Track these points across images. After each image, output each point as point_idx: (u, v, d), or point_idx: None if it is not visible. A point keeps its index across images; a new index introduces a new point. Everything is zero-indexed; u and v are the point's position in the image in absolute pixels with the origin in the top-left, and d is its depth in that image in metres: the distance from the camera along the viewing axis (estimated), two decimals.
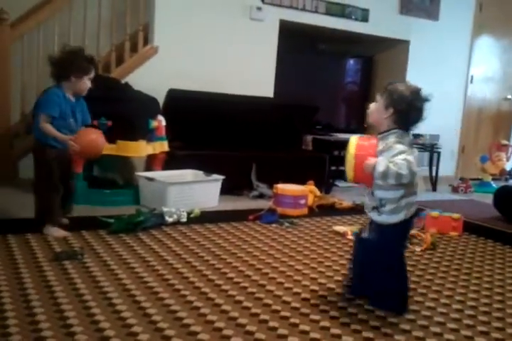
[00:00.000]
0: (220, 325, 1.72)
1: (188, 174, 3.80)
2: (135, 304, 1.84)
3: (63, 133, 2.60)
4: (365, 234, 2.00)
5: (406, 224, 1.92)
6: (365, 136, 1.97)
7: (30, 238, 2.59)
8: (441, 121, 5.90)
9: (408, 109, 1.86)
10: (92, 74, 2.65)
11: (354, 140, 1.89)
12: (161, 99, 4.05)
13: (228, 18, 4.57)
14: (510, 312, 2.00)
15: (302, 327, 1.75)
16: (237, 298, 1.96)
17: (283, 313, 1.84)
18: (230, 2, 4.55)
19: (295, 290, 2.09)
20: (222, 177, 3.68)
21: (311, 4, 4.91)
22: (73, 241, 2.58)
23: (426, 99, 1.90)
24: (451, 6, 5.74)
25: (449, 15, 5.76)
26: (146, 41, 4.30)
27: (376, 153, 1.84)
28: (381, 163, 1.77)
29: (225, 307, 1.86)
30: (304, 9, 4.89)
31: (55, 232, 2.65)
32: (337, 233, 3.08)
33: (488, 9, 6.06)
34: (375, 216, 1.92)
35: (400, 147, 1.81)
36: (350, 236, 2.98)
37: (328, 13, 5.02)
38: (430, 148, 5.30)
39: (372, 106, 1.95)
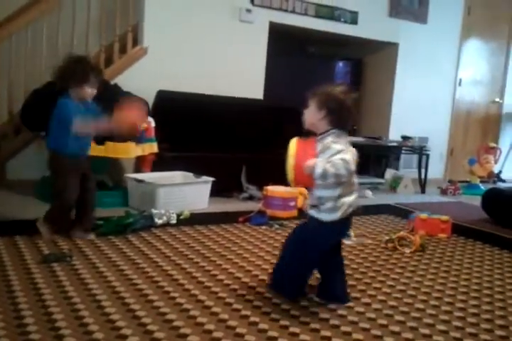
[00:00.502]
0: (210, 327, 1.71)
1: (178, 176, 3.79)
2: (124, 306, 1.83)
3: (78, 139, 2.59)
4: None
5: (341, 225, 1.94)
6: (305, 139, 1.98)
7: (19, 240, 2.57)
8: (430, 123, 5.96)
9: (340, 108, 1.91)
10: (92, 82, 2.61)
11: (294, 142, 1.92)
12: (150, 101, 4.04)
13: (218, 20, 4.58)
14: (499, 314, 2.01)
15: (292, 329, 1.74)
16: (227, 300, 1.96)
17: (273, 315, 1.84)
18: (220, 4, 4.55)
19: None
20: (212, 179, 3.67)
21: (301, 6, 4.93)
22: (62, 243, 2.57)
23: (353, 98, 1.95)
24: (440, 9, 5.79)
25: (438, 19, 5.80)
26: (136, 42, 4.29)
27: (315, 153, 1.87)
28: (319, 165, 1.80)
29: (214, 309, 1.86)
30: (293, 11, 4.90)
31: (46, 233, 2.63)
32: None
33: (477, 12, 6.11)
34: (314, 213, 1.95)
35: (337, 147, 1.85)
36: None
37: (318, 15, 5.04)
38: (419, 151, 5.32)
39: (306, 111, 1.97)
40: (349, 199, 1.90)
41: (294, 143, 1.91)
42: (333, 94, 1.92)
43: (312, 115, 1.95)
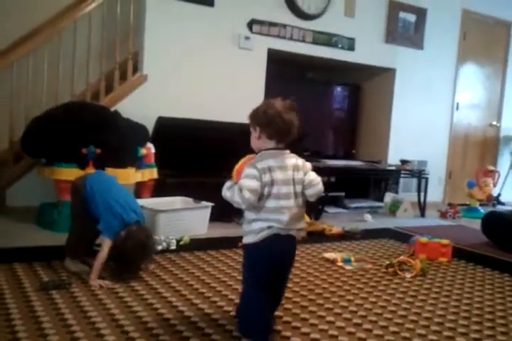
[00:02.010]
0: None
1: (178, 201, 3.79)
2: (123, 334, 1.81)
3: None
4: None
5: (259, 249, 1.82)
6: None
7: (17, 267, 2.56)
8: (428, 147, 5.99)
9: (269, 119, 1.84)
10: None
11: (244, 158, 1.94)
12: (150, 127, 4.07)
13: (217, 47, 4.64)
14: (501, 339, 1.99)
15: None
16: (227, 327, 1.94)
17: None
18: (219, 31, 4.62)
19: (285, 319, 2.07)
20: (211, 204, 3.68)
21: (299, 34, 5.00)
22: (61, 270, 2.55)
23: (284, 107, 1.87)
24: (436, 35, 5.88)
25: (434, 44, 5.89)
26: (136, 69, 4.34)
27: None
28: (224, 187, 1.84)
29: (214, 336, 1.84)
30: (291, 38, 4.97)
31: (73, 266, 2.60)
32: (327, 260, 3.07)
33: (472, 38, 6.21)
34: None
35: (246, 171, 1.81)
36: (340, 263, 2.97)
37: (315, 42, 5.11)
38: (418, 174, 5.34)
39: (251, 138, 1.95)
40: (263, 224, 1.80)
41: (242, 160, 1.92)
42: (258, 109, 1.89)
43: (252, 139, 1.92)
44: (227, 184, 1.84)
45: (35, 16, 4.26)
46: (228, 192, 1.81)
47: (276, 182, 1.80)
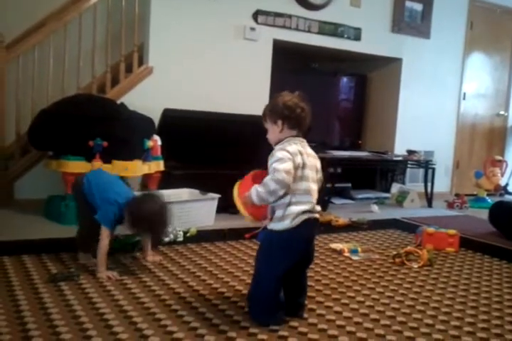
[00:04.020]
0: None
1: (184, 193, 3.79)
2: (132, 325, 1.82)
3: None
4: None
5: (292, 235, 1.86)
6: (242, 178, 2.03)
7: (26, 259, 2.58)
8: (435, 137, 5.96)
9: (291, 110, 1.91)
10: None
11: (236, 185, 1.98)
12: (156, 119, 4.07)
13: (222, 38, 4.62)
14: (509, 329, 1.99)
15: None
16: (235, 317, 1.95)
17: (281, 333, 1.83)
18: (224, 22, 4.60)
19: None
20: (218, 195, 3.68)
21: (304, 24, 4.97)
22: (69, 262, 2.57)
23: (297, 97, 1.95)
24: (442, 25, 5.83)
25: (441, 34, 5.84)
26: (141, 62, 4.33)
27: (252, 184, 1.90)
28: (252, 192, 1.84)
29: (222, 327, 1.85)
30: (297, 29, 4.94)
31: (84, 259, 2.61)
32: (334, 250, 3.08)
33: (479, 27, 6.15)
34: (269, 226, 1.92)
35: (278, 154, 1.84)
36: (347, 254, 2.98)
37: (321, 32, 5.08)
38: (425, 165, 5.32)
39: (268, 135, 1.99)
40: (299, 208, 1.85)
41: (236, 187, 1.97)
42: (277, 103, 1.93)
43: (272, 132, 1.96)
44: (256, 186, 1.84)
45: (40, 9, 4.26)
46: (261, 187, 1.81)
47: (305, 166, 1.87)
